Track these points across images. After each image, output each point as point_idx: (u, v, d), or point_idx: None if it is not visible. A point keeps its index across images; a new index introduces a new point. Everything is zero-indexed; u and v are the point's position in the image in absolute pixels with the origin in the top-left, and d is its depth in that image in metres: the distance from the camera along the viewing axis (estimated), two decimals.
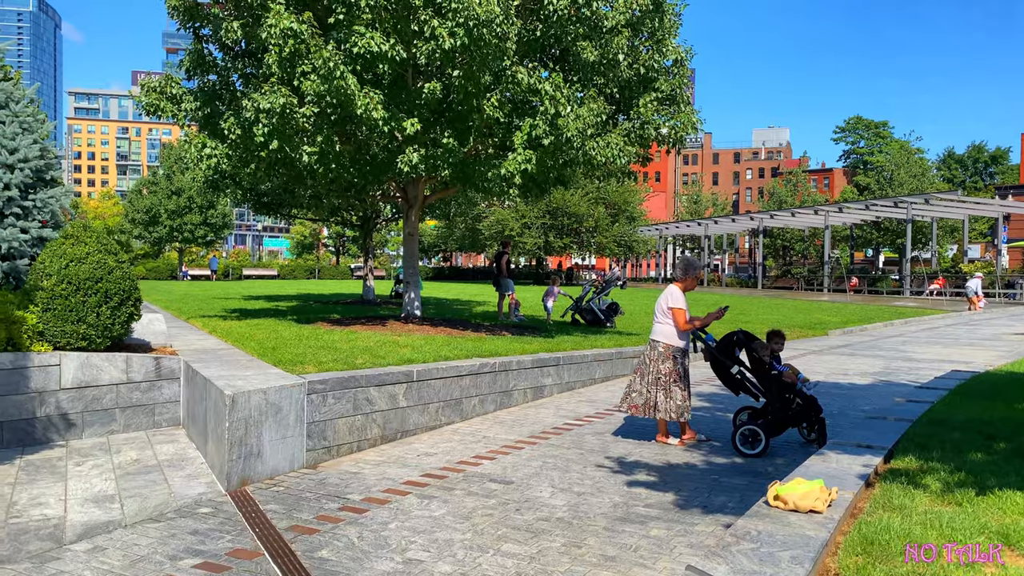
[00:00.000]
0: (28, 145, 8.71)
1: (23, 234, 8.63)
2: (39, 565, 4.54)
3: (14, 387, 7.26)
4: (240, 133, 11.04)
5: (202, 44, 12.27)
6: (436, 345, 10.07)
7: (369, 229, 23.68)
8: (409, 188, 13.61)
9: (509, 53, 10.55)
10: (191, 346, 9.52)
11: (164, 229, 51.27)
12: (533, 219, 55.72)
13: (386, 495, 5.89)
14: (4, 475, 6.35)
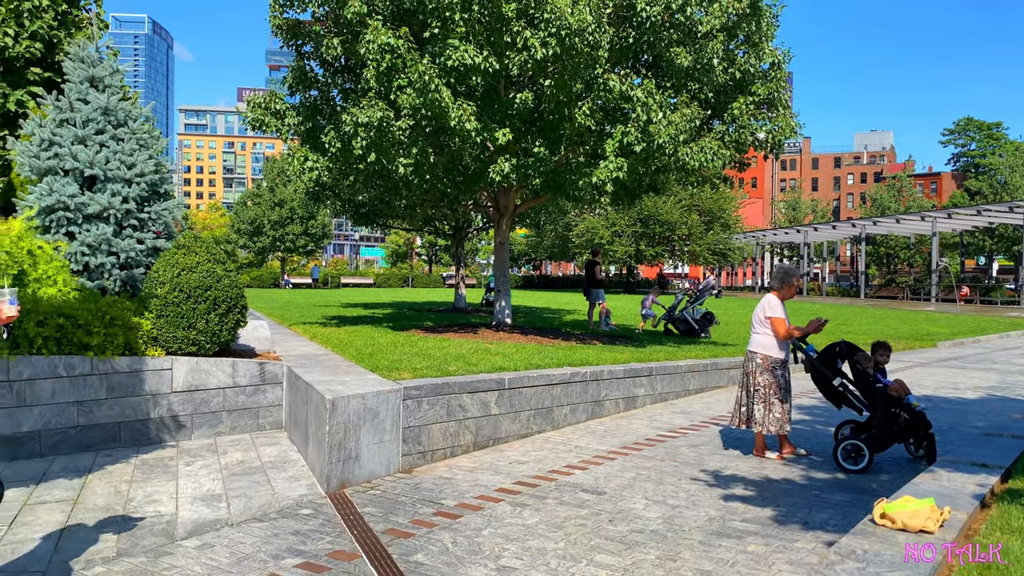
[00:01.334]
0: (144, 160, 9.22)
1: (139, 244, 9.13)
2: (153, 559, 4.78)
3: (131, 389, 7.69)
4: (340, 146, 11.41)
5: (304, 61, 12.74)
6: (527, 353, 10.10)
7: (461, 238, 24.00)
8: (500, 197, 13.74)
9: (601, 61, 10.53)
10: (293, 352, 9.86)
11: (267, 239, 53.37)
12: (624, 227, 55.27)
13: (479, 501, 5.94)
14: (122, 473, 6.73)
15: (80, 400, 7.43)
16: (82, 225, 8.93)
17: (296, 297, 33.26)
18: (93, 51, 9.55)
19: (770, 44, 12.40)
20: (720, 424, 9.05)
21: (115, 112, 9.33)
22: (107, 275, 8.99)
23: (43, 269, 8.28)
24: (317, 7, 11.35)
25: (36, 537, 5.14)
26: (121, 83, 9.78)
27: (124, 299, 8.59)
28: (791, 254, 74.95)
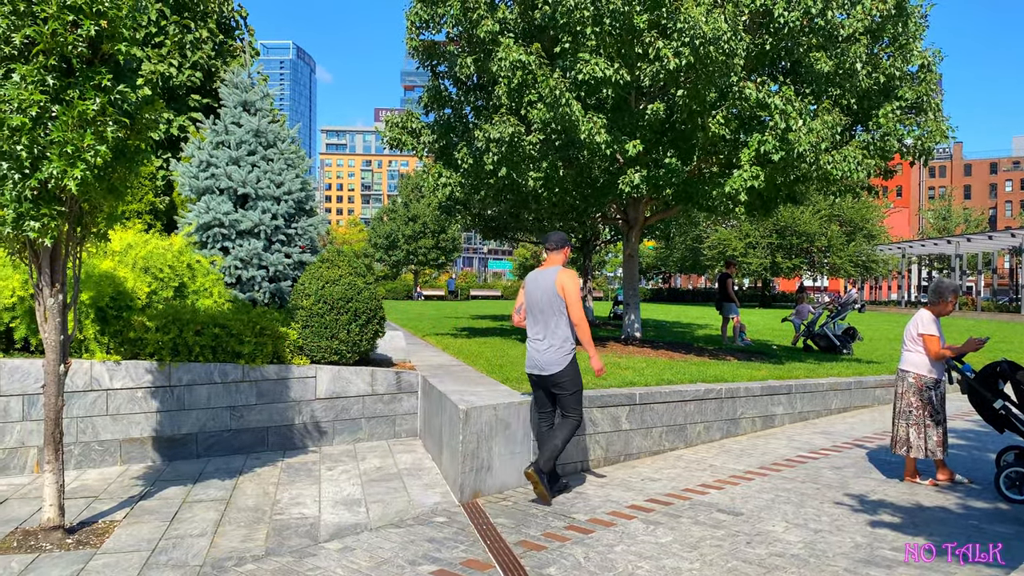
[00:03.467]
0: (292, 179, 9.74)
1: (286, 259, 9.63)
2: (298, 559, 5.00)
3: (278, 396, 8.12)
4: (472, 162, 11.67)
5: (438, 80, 13.12)
6: (658, 368, 9.93)
7: (588, 251, 23.96)
8: (630, 209, 13.62)
9: (736, 69, 10.27)
10: (427, 362, 10.12)
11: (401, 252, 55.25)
12: (758, 239, 53.50)
13: (611, 517, 5.87)
14: (269, 475, 7.09)
15: (233, 405, 7.91)
16: (235, 240, 9.52)
17: (428, 309, 34.18)
18: (245, 77, 10.21)
19: (919, 45, 11.71)
20: (865, 446, 8.57)
21: (265, 134, 9.92)
22: (257, 287, 9.54)
23: (201, 282, 8.89)
24: (451, 28, 11.66)
25: (194, 533, 5.50)
26: (270, 106, 10.39)
27: (272, 310, 9.10)
28: (941, 266, 70.23)
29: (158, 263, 8.48)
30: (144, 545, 5.24)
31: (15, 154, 5.03)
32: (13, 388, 7.08)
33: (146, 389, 7.58)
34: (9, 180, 5.10)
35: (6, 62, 5.12)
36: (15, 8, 5.02)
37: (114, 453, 7.44)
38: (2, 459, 7.05)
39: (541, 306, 6.31)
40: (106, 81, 5.37)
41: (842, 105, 11.61)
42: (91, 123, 5.23)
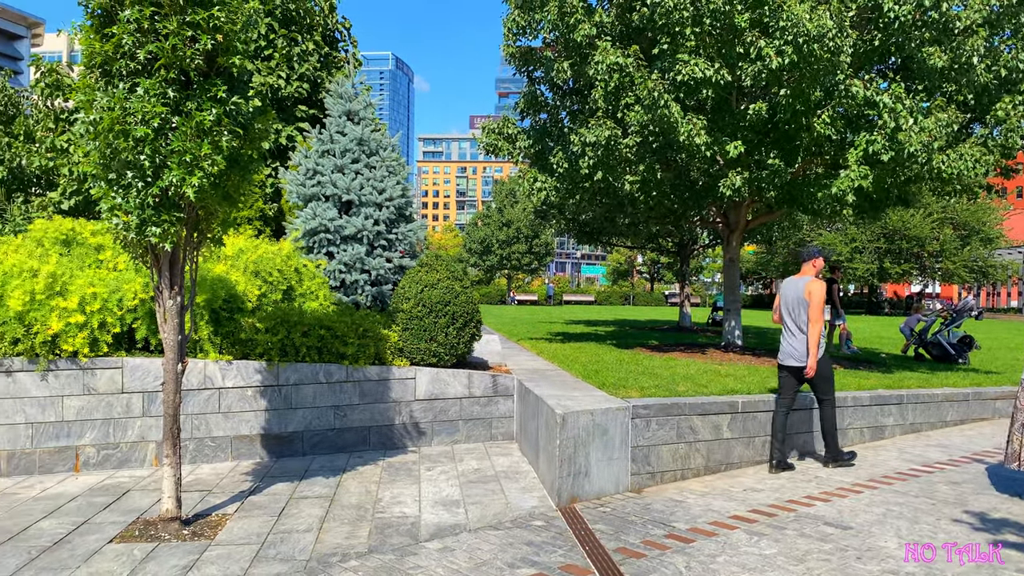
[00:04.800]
0: (393, 186, 9.96)
1: (387, 263, 9.85)
2: (400, 557, 5.10)
3: (380, 396, 8.31)
4: (567, 166, 11.65)
5: (534, 85, 13.17)
6: (760, 376, 9.65)
7: (685, 255, 23.54)
8: (730, 213, 13.31)
9: (843, 67, 9.90)
10: (522, 366, 10.15)
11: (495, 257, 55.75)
12: (865, 243, 51.35)
13: (713, 527, 5.74)
14: (371, 474, 7.26)
15: (336, 405, 8.14)
16: (340, 246, 9.81)
17: (522, 313, 34.32)
18: (350, 88, 10.52)
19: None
20: (985, 461, 8.08)
21: (368, 142, 10.18)
22: (360, 291, 9.80)
23: (307, 285, 9.20)
24: (548, 33, 11.69)
25: (300, 528, 5.68)
26: (373, 116, 10.67)
27: (374, 313, 9.32)
28: None
29: (268, 267, 8.82)
30: (254, 539, 5.45)
31: (139, 163, 5.33)
32: (134, 386, 7.49)
33: (255, 388, 7.89)
34: (133, 188, 5.41)
35: (131, 77, 5.43)
36: (140, 26, 5.32)
37: (226, 449, 7.77)
38: (125, 452, 7.48)
39: (791, 307, 7.50)
40: (221, 93, 5.62)
41: (957, 101, 11.02)
42: (208, 133, 5.50)
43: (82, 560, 5.02)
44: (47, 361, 7.21)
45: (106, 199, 5.50)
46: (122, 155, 5.30)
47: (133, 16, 5.29)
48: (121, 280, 7.57)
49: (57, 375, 7.27)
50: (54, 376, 7.27)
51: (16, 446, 7.18)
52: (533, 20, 11.76)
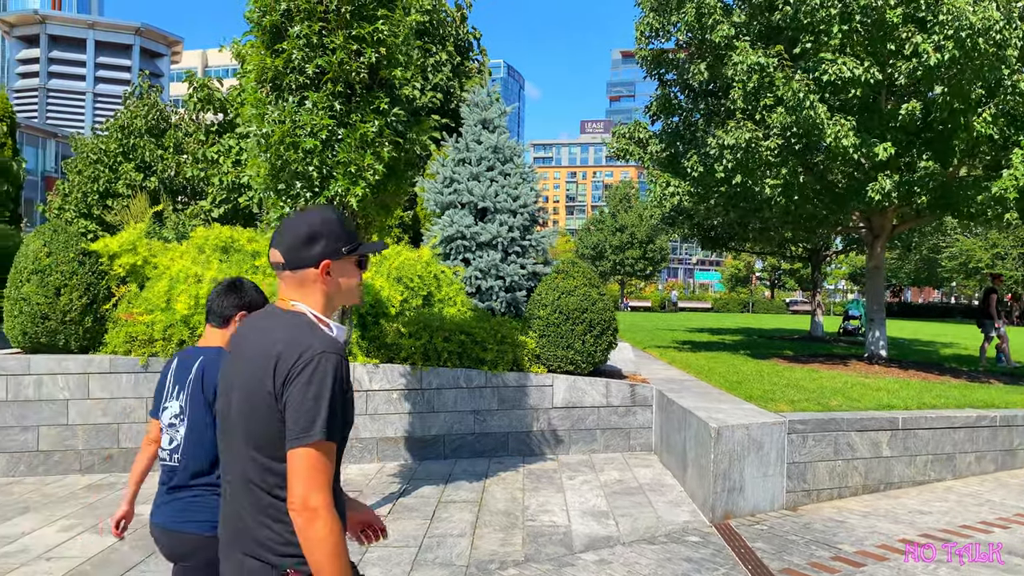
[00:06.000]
0: (527, 193, 10.00)
1: (521, 269, 9.88)
2: (557, 568, 5.05)
3: (518, 402, 8.32)
4: (702, 170, 11.38)
5: (667, 88, 12.95)
6: (914, 390, 9.11)
7: (817, 262, 22.61)
8: (874, 218, 12.66)
9: (1009, 61, 9.24)
10: (657, 375, 9.96)
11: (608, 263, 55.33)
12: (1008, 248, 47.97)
13: (882, 551, 5.42)
14: (513, 480, 7.27)
15: (476, 409, 8.21)
16: (475, 252, 9.92)
17: (638, 320, 33.88)
18: (485, 96, 10.63)
19: None
20: None
21: (503, 150, 10.26)
22: (495, 297, 9.87)
23: (446, 291, 9.34)
24: (683, 34, 11.47)
25: (454, 533, 5.73)
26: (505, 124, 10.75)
27: (510, 319, 9.36)
28: None
29: (409, 273, 9.01)
30: (411, 541, 5.53)
31: (308, 174, 5.53)
32: None
33: (400, 391, 8.06)
34: (301, 197, 5.61)
35: (300, 90, 5.64)
36: (309, 41, 5.51)
37: (371, 450, 7.97)
38: None
39: None
40: (383, 104, 5.77)
41: None
42: (370, 144, 5.64)
43: None
44: None
45: (275, 208, 5.73)
46: (292, 166, 5.51)
47: (303, 31, 5.49)
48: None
49: None
50: None
51: None
52: (668, 22, 11.56)
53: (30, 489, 6.87)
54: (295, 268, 1.95)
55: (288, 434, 1.79)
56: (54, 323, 7.35)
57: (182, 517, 2.72)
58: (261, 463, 1.87)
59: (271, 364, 1.84)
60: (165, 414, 2.88)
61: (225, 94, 13.28)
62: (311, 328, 1.90)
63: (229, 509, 1.98)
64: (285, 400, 1.81)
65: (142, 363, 7.45)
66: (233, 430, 1.94)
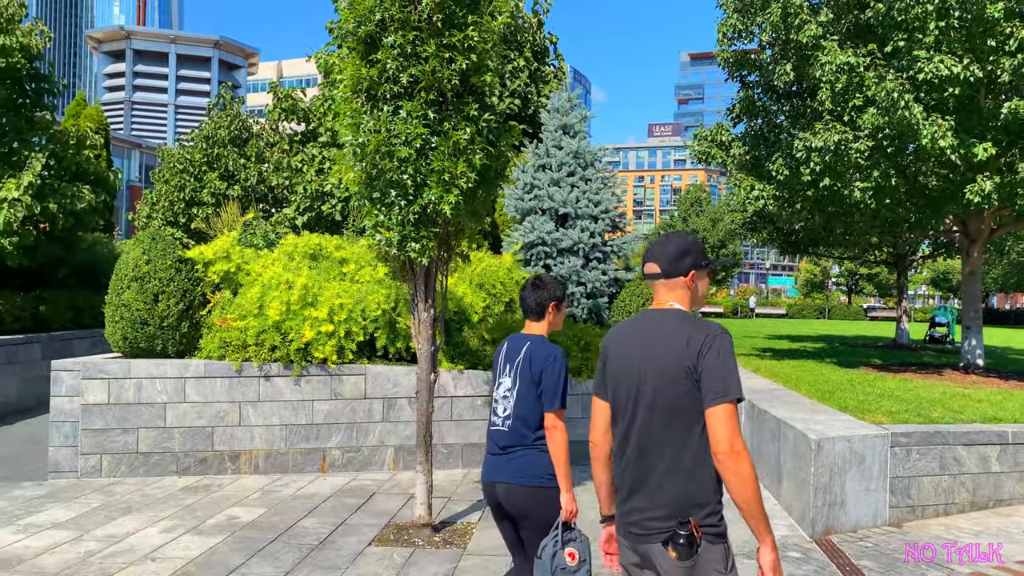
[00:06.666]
0: (608, 198, 9.90)
1: (603, 275, 9.79)
2: None
3: None
4: (787, 173, 11.08)
5: (749, 90, 12.68)
6: (1019, 402, 8.65)
7: (903, 267, 21.81)
8: (970, 221, 12.11)
9: None
10: (743, 384, 9.71)
11: None
12: None
13: (999, 573, 5.13)
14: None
15: None
16: (556, 258, 9.87)
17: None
18: (565, 101, 10.59)
19: None
20: None
21: (583, 155, 10.19)
22: (576, 303, 9.80)
23: None
24: (767, 35, 11.20)
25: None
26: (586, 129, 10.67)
27: (592, 326, 9.27)
28: None
29: (491, 280, 9.02)
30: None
31: (402, 183, 5.56)
32: (376, 392, 7.87)
33: (484, 398, 8.05)
34: (396, 206, 5.65)
35: (394, 100, 5.68)
36: (404, 51, 5.55)
37: (456, 456, 7.98)
38: (366, 456, 7.87)
39: None
40: (473, 111, 5.77)
41: None
42: (463, 152, 5.64)
43: (348, 561, 5.27)
44: (300, 367, 7.73)
45: (370, 216, 5.78)
46: (387, 175, 5.55)
47: (397, 41, 5.52)
48: (365, 292, 7.98)
49: (308, 380, 7.78)
50: (305, 381, 7.78)
51: (272, 446, 7.74)
52: (751, 23, 11.31)
53: (131, 489, 7.10)
54: (670, 276, 2.49)
55: (707, 395, 2.25)
56: (153, 328, 7.59)
57: (519, 473, 3.36)
58: (677, 428, 2.32)
59: (683, 345, 2.30)
60: (499, 388, 3.53)
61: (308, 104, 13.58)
62: (695, 319, 2.41)
63: (635, 468, 2.41)
64: (701, 370, 2.26)
65: (235, 368, 7.63)
66: (640, 400, 2.40)
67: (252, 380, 7.70)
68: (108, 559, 5.24)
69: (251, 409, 7.71)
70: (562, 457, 3.29)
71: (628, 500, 2.43)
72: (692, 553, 2.25)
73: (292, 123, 13.79)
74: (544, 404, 3.36)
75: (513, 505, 3.39)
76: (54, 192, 11.26)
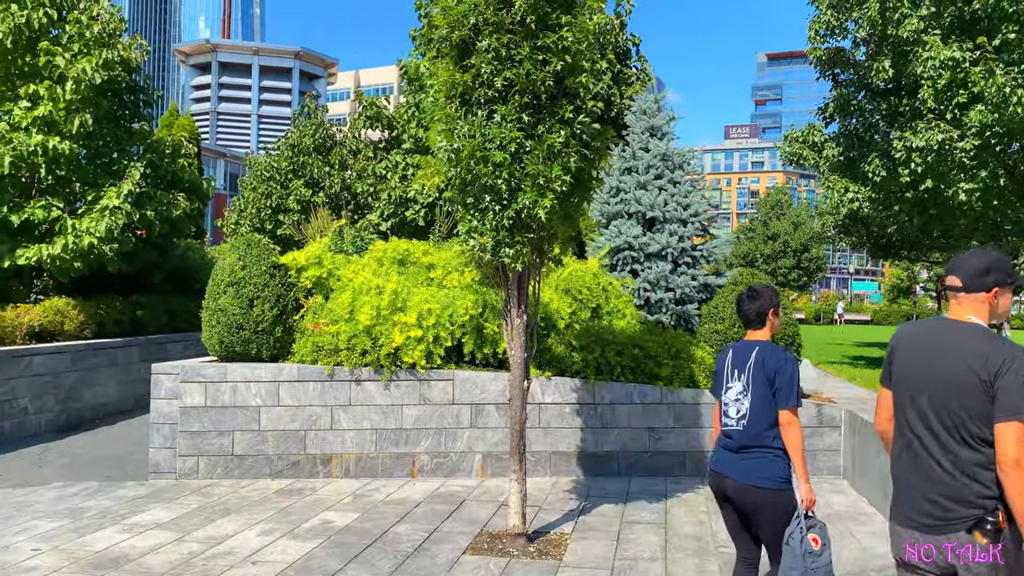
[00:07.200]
0: (698, 201, 9.66)
1: (692, 281, 9.55)
2: None
3: (694, 420, 8.00)
4: (884, 175, 10.64)
5: (841, 88, 12.23)
6: None
7: None
8: None
9: None
10: (839, 394, 9.33)
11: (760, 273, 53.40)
12: None
13: None
14: (695, 502, 6.97)
15: (651, 427, 7.96)
16: (644, 263, 9.68)
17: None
18: (652, 103, 10.39)
19: None
20: None
21: (672, 157, 9.97)
22: (664, 309, 9.58)
23: (614, 303, 9.15)
24: (863, 30, 10.77)
25: (644, 556, 5.51)
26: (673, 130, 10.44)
27: (682, 332, 9.05)
28: None
29: (577, 285, 8.90)
30: (601, 563, 5.36)
31: (496, 187, 5.49)
32: (464, 398, 7.84)
33: (572, 405, 7.93)
34: (490, 211, 5.59)
35: (488, 104, 5.63)
36: (498, 54, 5.49)
37: (544, 465, 7.88)
38: (453, 462, 7.84)
39: None
40: (568, 114, 5.67)
41: None
42: (558, 155, 5.55)
43: (444, 570, 5.22)
44: (390, 372, 7.76)
45: (463, 222, 5.74)
46: (481, 179, 5.49)
47: (491, 45, 5.47)
48: (452, 297, 7.97)
49: (398, 385, 7.80)
50: (395, 386, 7.80)
51: (363, 450, 7.79)
52: (846, 19, 10.91)
53: (227, 491, 7.24)
54: (971, 291, 2.64)
55: (1000, 412, 2.45)
56: (248, 332, 7.74)
57: (755, 474, 3.60)
58: (969, 431, 2.53)
59: (980, 360, 2.49)
60: (729, 392, 3.78)
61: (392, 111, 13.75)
62: (994, 336, 2.57)
63: (919, 463, 2.66)
64: (997, 387, 2.45)
65: (328, 372, 7.71)
66: (918, 402, 2.65)
67: (343, 384, 7.77)
68: (210, 561, 5.32)
69: (342, 413, 7.78)
70: (799, 449, 3.55)
71: (916, 486, 2.69)
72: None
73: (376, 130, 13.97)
74: (779, 402, 3.63)
75: (745, 502, 3.66)
76: (151, 200, 11.67)
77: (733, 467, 3.70)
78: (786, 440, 3.60)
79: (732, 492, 3.69)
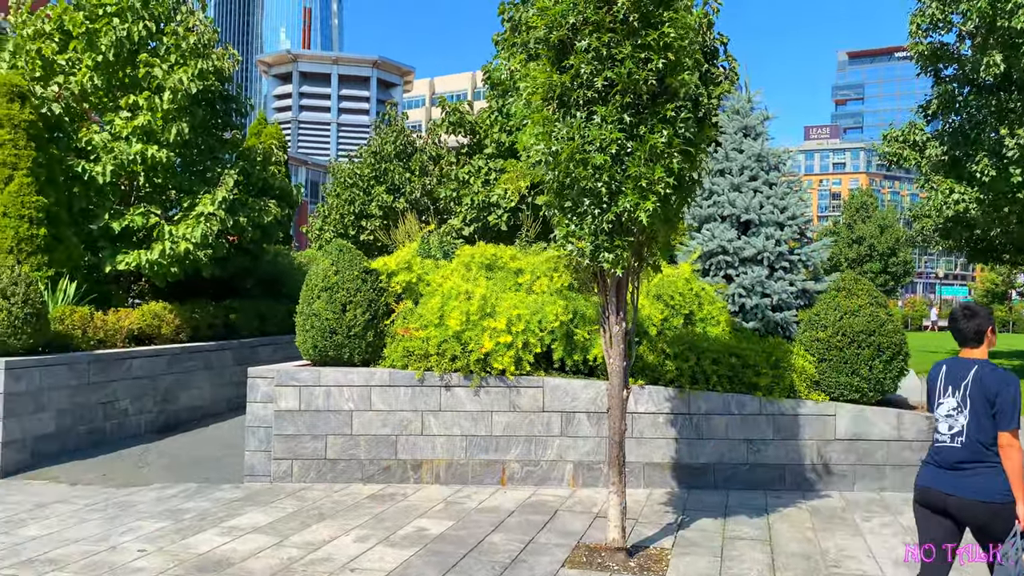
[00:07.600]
0: (796, 203, 9.30)
1: (790, 287, 9.19)
2: None
3: (795, 432, 7.67)
4: (994, 175, 10.05)
5: (944, 85, 11.63)
6: None
7: None
8: None
9: None
10: None
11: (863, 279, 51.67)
12: None
13: None
14: (798, 518, 6.65)
15: (749, 438, 7.66)
16: (738, 268, 9.37)
17: None
18: (745, 103, 10.07)
19: None
20: None
21: (767, 158, 9.64)
22: (761, 316, 9.25)
23: (707, 310, 8.87)
24: (971, 23, 10.20)
25: (751, 574, 5.26)
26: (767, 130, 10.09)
27: (781, 340, 8.70)
28: None
29: (669, 290, 8.65)
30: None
31: (596, 190, 5.34)
32: (554, 405, 7.70)
33: (666, 415, 7.70)
34: (588, 215, 5.44)
35: (587, 105, 5.48)
36: (598, 54, 5.34)
37: (638, 476, 7.67)
38: (544, 470, 7.70)
39: None
40: (670, 113, 5.48)
41: None
42: (660, 156, 5.36)
43: None
44: (479, 378, 7.68)
45: (561, 226, 5.61)
46: (580, 183, 5.36)
47: (592, 44, 5.33)
48: (542, 302, 7.84)
49: (488, 391, 7.72)
50: (485, 392, 7.72)
51: (453, 456, 7.73)
52: (952, 11, 10.36)
53: (321, 496, 7.27)
54: None
55: None
56: (340, 337, 7.78)
57: (977, 490, 3.66)
58: None
59: None
60: (941, 408, 3.81)
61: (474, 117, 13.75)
62: None
63: None
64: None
65: (418, 377, 7.68)
66: None
67: (433, 390, 7.73)
68: (309, 567, 5.32)
69: (432, 419, 7.74)
70: (1019, 472, 3.58)
71: None
72: None
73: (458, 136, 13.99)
74: (999, 423, 3.64)
75: (971, 518, 3.70)
76: (243, 206, 11.92)
77: (951, 484, 3.75)
78: (1005, 463, 3.63)
79: (957, 510, 3.73)
